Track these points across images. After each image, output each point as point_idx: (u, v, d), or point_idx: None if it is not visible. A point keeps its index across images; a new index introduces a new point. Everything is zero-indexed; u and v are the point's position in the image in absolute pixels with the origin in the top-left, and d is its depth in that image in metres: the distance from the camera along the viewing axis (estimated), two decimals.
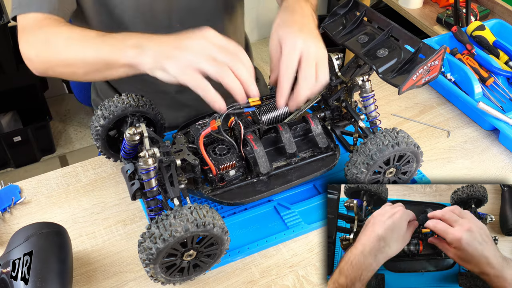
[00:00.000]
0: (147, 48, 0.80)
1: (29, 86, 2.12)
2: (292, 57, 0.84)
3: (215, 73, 0.78)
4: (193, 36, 0.81)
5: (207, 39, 0.80)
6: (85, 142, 2.40)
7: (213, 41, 0.80)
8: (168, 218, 0.71)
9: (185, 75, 0.78)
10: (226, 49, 0.80)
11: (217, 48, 0.79)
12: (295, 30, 0.86)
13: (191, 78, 0.78)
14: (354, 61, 0.96)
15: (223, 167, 0.88)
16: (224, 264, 0.86)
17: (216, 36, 0.81)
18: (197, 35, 0.81)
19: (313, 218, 0.92)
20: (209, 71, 0.78)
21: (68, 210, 0.96)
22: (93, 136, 0.93)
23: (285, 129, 0.93)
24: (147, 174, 0.78)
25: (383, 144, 0.84)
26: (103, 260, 0.88)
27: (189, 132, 0.92)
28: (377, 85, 1.22)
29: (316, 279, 0.85)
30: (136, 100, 0.90)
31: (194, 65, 0.77)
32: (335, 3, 2.85)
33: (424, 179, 0.99)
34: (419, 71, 0.83)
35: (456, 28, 1.30)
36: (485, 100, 1.11)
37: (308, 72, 0.84)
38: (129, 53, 0.82)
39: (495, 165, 1.05)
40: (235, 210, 0.94)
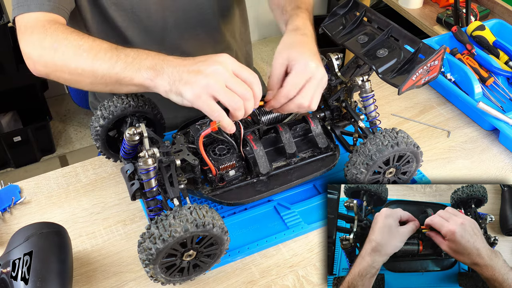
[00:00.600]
0: (163, 71, 0.80)
1: (29, 86, 2.12)
2: (301, 76, 0.86)
3: (227, 102, 0.79)
4: (209, 61, 0.80)
5: (223, 64, 0.79)
6: (85, 142, 2.40)
7: (228, 68, 0.80)
8: (168, 218, 0.71)
9: (199, 101, 0.78)
10: (241, 78, 0.81)
11: (232, 76, 0.80)
12: (310, 54, 0.88)
13: (206, 104, 0.79)
14: (354, 61, 0.96)
15: (223, 167, 0.88)
16: (224, 264, 0.86)
17: (232, 62, 0.81)
18: (213, 60, 0.80)
19: (313, 218, 0.92)
20: (222, 100, 0.79)
21: (68, 210, 0.96)
22: (93, 136, 0.93)
23: (285, 129, 0.93)
24: (146, 174, 0.78)
25: (383, 144, 0.84)
26: (103, 260, 0.88)
27: (188, 132, 0.92)
28: (377, 85, 1.22)
29: (316, 279, 0.85)
30: (136, 100, 0.90)
31: (209, 92, 0.78)
32: (335, 3, 2.85)
33: (424, 179, 0.99)
34: (419, 71, 0.83)
35: (456, 28, 1.30)
36: (485, 100, 1.11)
37: (308, 92, 0.86)
38: (144, 74, 0.81)
39: (495, 165, 1.05)
40: (235, 210, 0.94)
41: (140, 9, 1.08)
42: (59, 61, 0.88)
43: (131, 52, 0.85)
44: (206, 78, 0.78)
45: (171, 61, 0.82)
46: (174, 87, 0.79)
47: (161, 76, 0.80)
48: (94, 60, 0.85)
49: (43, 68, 0.92)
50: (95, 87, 0.90)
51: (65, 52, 0.88)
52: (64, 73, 0.90)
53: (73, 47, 0.88)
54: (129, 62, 0.83)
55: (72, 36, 0.89)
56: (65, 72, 0.89)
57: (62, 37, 0.89)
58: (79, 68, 0.87)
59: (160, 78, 0.81)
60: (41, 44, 0.90)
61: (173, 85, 0.80)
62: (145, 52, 0.84)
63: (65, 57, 0.88)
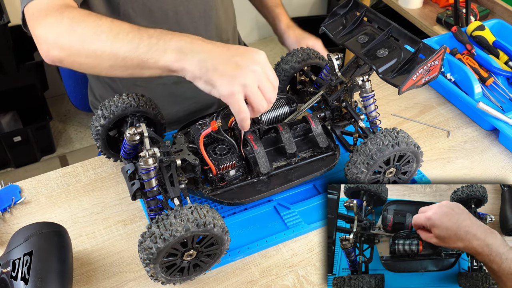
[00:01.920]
0: (192, 54, 0.77)
1: (29, 86, 2.12)
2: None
3: (256, 105, 0.78)
4: (249, 57, 0.78)
5: (261, 65, 0.78)
6: (85, 142, 2.40)
7: (265, 69, 0.78)
8: (169, 218, 0.71)
9: (232, 99, 0.76)
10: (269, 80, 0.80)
11: (266, 79, 0.79)
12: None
13: (237, 103, 0.76)
14: (354, 61, 0.96)
15: (223, 167, 0.88)
16: (224, 264, 0.86)
17: (267, 64, 0.80)
18: (252, 57, 0.78)
19: (313, 218, 0.92)
20: (252, 102, 0.78)
21: (68, 210, 0.96)
22: (93, 136, 0.93)
23: (285, 129, 0.93)
24: (147, 174, 0.78)
25: (383, 144, 0.84)
26: (103, 260, 0.88)
27: (189, 132, 0.92)
28: (377, 85, 1.22)
29: (316, 279, 0.85)
30: (136, 100, 0.90)
31: (245, 91, 0.76)
32: (335, 3, 2.85)
33: (424, 179, 0.99)
34: (419, 71, 0.83)
35: (456, 28, 1.30)
36: (485, 100, 1.11)
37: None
38: (170, 56, 0.78)
39: (495, 165, 1.05)
40: (235, 210, 0.94)
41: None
42: (76, 43, 0.84)
43: (154, 32, 0.81)
44: (245, 77, 0.75)
45: (201, 45, 0.78)
46: (206, 76, 0.76)
47: (190, 61, 0.77)
48: (114, 41, 0.81)
49: (58, 52, 0.86)
50: (114, 71, 0.85)
51: (83, 33, 0.83)
52: (81, 57, 0.85)
53: (92, 27, 0.83)
54: (153, 44, 0.79)
55: (90, 18, 0.85)
56: (82, 56, 0.84)
57: (79, 18, 0.85)
58: (99, 50, 0.82)
59: (188, 62, 0.77)
60: (58, 26, 0.85)
61: (205, 74, 0.76)
62: (170, 33, 0.80)
63: (83, 39, 0.83)
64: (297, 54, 1.04)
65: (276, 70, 1.06)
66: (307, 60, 1.04)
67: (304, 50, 1.05)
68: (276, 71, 1.06)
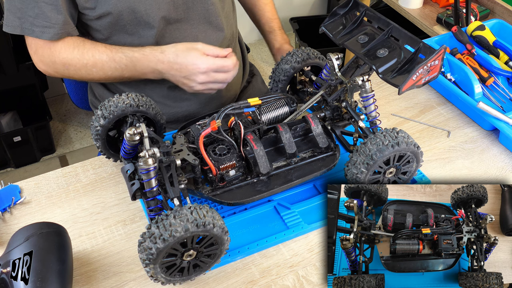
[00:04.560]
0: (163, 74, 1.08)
1: (29, 86, 2.12)
2: None
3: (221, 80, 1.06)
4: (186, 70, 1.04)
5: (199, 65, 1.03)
6: (85, 142, 2.40)
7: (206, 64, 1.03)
8: (168, 218, 0.71)
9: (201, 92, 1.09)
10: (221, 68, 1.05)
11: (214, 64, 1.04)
12: None
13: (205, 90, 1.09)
14: (354, 61, 0.96)
15: (223, 167, 0.88)
16: (224, 264, 0.86)
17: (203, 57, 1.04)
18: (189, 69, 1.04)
19: (313, 218, 0.92)
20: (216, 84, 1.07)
21: (68, 210, 0.96)
22: (93, 136, 0.93)
23: (285, 129, 0.93)
24: (147, 174, 0.78)
25: (383, 144, 0.84)
26: (103, 260, 0.88)
27: (189, 132, 0.92)
28: (377, 85, 1.22)
29: (316, 279, 0.85)
30: (136, 100, 0.90)
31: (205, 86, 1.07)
32: (335, 3, 2.85)
33: (424, 179, 0.99)
34: (419, 71, 0.83)
35: (456, 28, 1.30)
36: (485, 100, 1.11)
37: None
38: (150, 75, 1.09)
39: (495, 165, 1.05)
40: (235, 210, 0.94)
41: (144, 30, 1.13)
42: (74, 76, 1.11)
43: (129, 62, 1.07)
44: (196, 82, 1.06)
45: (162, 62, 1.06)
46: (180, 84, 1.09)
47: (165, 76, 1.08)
48: (104, 72, 1.08)
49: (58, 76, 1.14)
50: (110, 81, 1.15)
51: (77, 70, 1.09)
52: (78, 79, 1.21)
53: (82, 66, 1.08)
54: (132, 70, 1.08)
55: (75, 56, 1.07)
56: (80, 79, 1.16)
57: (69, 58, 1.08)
58: (94, 79, 1.12)
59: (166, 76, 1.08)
60: (53, 66, 1.10)
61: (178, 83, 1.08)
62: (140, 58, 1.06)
63: (78, 74, 1.10)
64: (297, 54, 1.04)
65: (276, 70, 1.06)
66: (307, 60, 1.04)
67: (304, 50, 1.05)
68: (276, 71, 1.06)
